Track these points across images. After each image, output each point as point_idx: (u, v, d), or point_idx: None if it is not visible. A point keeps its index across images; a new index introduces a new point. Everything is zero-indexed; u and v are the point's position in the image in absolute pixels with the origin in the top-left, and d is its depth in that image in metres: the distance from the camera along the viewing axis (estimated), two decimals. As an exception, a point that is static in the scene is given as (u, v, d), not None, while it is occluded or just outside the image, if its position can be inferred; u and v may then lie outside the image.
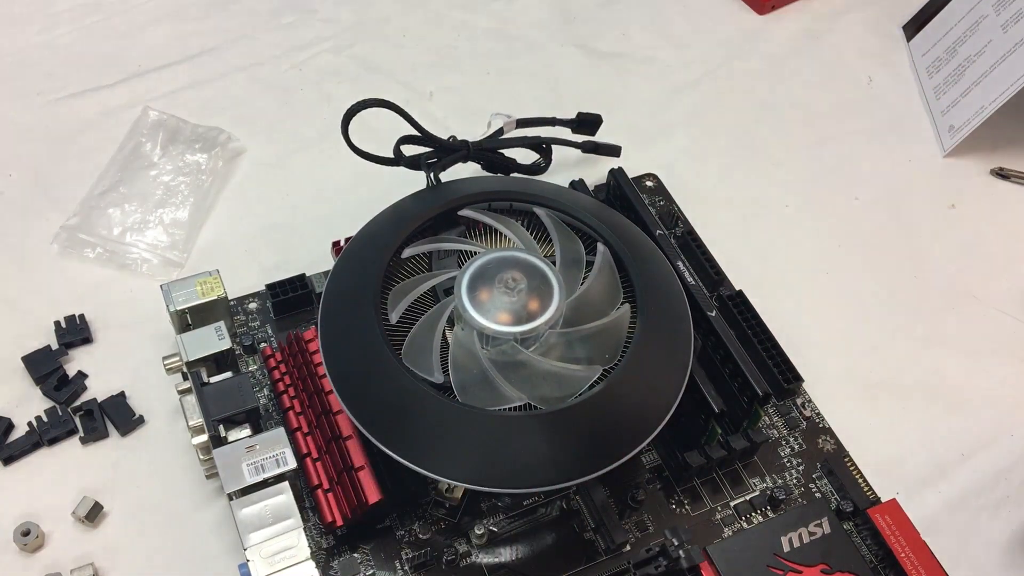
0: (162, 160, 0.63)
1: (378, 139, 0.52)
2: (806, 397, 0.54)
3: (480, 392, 0.43)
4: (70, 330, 0.55)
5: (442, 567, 0.46)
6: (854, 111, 0.72)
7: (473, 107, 0.69)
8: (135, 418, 0.52)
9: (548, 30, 0.76)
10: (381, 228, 0.49)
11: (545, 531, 0.48)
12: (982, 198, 0.67)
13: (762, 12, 0.78)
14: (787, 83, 0.73)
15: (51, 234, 0.59)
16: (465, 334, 0.45)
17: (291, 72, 0.71)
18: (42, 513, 0.48)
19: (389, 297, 0.46)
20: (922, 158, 0.69)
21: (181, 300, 0.50)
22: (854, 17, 0.79)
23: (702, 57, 0.75)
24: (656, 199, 0.63)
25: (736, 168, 0.68)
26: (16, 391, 0.53)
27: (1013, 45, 0.65)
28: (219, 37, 0.73)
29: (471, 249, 0.49)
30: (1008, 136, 0.69)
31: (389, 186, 0.54)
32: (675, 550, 0.45)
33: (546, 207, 0.50)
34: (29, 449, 0.50)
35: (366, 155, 0.52)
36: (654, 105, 0.71)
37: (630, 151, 0.65)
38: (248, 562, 0.41)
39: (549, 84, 0.72)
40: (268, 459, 0.44)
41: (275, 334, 0.54)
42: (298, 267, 0.56)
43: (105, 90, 0.69)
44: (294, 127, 0.68)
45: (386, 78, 0.72)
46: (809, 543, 0.46)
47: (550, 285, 0.45)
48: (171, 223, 0.60)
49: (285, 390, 0.49)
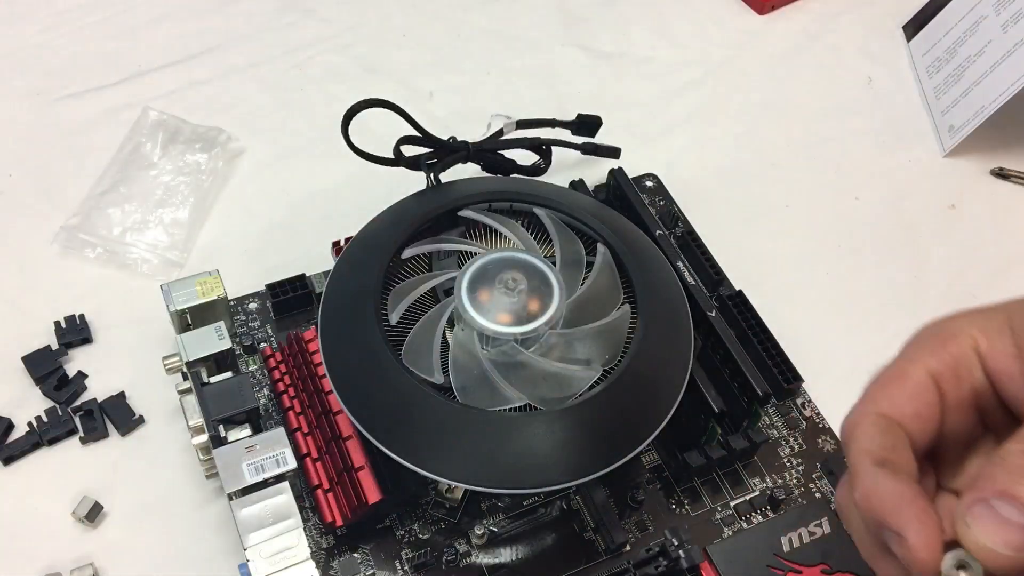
0: (162, 160, 0.63)
1: (378, 139, 0.52)
2: (806, 397, 0.54)
3: (480, 393, 0.43)
4: (70, 330, 0.55)
5: (442, 567, 0.46)
6: (854, 111, 0.72)
7: (473, 107, 0.69)
8: (135, 418, 0.52)
9: (548, 30, 0.76)
10: (381, 228, 0.49)
11: (545, 531, 0.48)
12: (982, 198, 0.67)
13: (762, 12, 0.78)
14: (787, 83, 0.73)
15: (51, 234, 0.59)
16: (465, 335, 0.45)
17: (291, 72, 0.71)
18: (42, 513, 0.48)
19: (389, 297, 0.46)
20: (922, 158, 0.69)
21: (181, 300, 0.50)
22: (854, 17, 0.79)
23: (702, 57, 0.75)
24: (656, 199, 0.63)
25: (736, 168, 0.68)
26: (16, 391, 0.53)
27: (1013, 45, 0.65)
28: (219, 37, 0.73)
29: (471, 250, 0.49)
30: (1008, 136, 0.69)
31: (389, 186, 0.54)
32: (675, 550, 0.45)
33: (546, 207, 0.50)
34: (29, 449, 0.50)
35: (366, 155, 0.52)
36: (654, 105, 0.71)
37: (630, 151, 0.64)
38: (248, 562, 0.41)
39: (549, 84, 0.72)
40: (268, 459, 0.44)
41: (275, 334, 0.54)
42: (298, 267, 0.56)
43: (105, 90, 0.69)
44: (294, 127, 0.68)
45: (386, 78, 0.72)
46: (809, 543, 0.46)
47: (550, 286, 0.45)
48: (171, 223, 0.60)
49: (285, 390, 0.49)
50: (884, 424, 0.28)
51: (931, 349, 0.29)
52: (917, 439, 0.28)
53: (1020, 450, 0.25)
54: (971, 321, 0.29)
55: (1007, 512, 0.24)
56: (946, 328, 0.29)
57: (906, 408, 0.28)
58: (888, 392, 0.29)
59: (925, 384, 0.28)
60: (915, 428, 0.28)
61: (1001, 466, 0.25)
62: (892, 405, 0.28)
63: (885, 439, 0.27)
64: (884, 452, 0.27)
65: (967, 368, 0.28)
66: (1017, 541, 0.24)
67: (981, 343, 0.28)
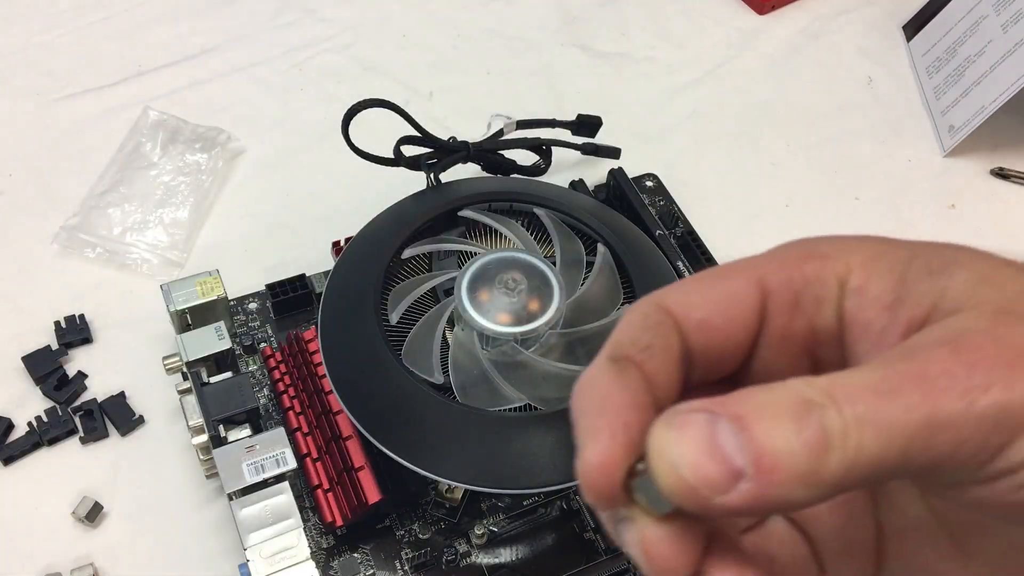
0: (162, 160, 0.63)
1: (378, 139, 0.52)
2: (806, 397, 0.54)
3: (480, 393, 0.43)
4: (70, 330, 0.55)
5: (442, 567, 0.46)
6: (854, 111, 0.72)
7: (473, 107, 0.69)
8: (135, 418, 0.52)
9: (548, 30, 0.76)
10: (381, 228, 0.49)
11: (545, 531, 0.48)
12: (982, 198, 0.67)
13: (762, 12, 0.78)
14: (787, 83, 0.73)
15: (51, 234, 0.59)
16: (465, 335, 0.45)
17: (291, 72, 0.71)
18: (42, 513, 0.48)
19: (389, 297, 0.46)
20: (922, 158, 0.69)
21: (181, 300, 0.50)
22: (854, 17, 0.79)
23: (702, 57, 0.75)
24: (656, 199, 0.63)
25: (736, 168, 0.68)
26: (16, 391, 0.53)
27: (1013, 45, 0.65)
28: (219, 37, 0.73)
29: (471, 250, 0.49)
30: (1008, 136, 0.69)
31: (389, 186, 0.54)
32: (675, 550, 0.45)
33: (546, 207, 0.50)
34: (29, 449, 0.50)
35: (366, 155, 0.52)
36: (654, 105, 0.71)
37: (630, 151, 0.64)
38: (248, 562, 0.41)
39: (549, 84, 0.72)
40: (268, 459, 0.44)
41: (275, 334, 0.54)
42: (298, 267, 0.56)
43: (105, 90, 0.69)
44: (294, 127, 0.68)
45: (386, 78, 0.72)
46: (809, 543, 0.45)
47: (550, 286, 0.45)
48: (171, 223, 0.60)
49: (285, 390, 0.49)
50: (656, 320, 0.21)
51: (781, 260, 0.22)
52: (705, 357, 0.22)
53: (795, 388, 0.18)
54: (857, 248, 0.22)
55: (725, 438, 0.18)
56: (819, 246, 0.22)
57: (700, 312, 0.21)
58: (691, 287, 0.22)
59: (744, 295, 0.22)
60: (704, 342, 0.22)
61: (762, 391, 0.18)
62: (684, 304, 0.21)
63: (643, 335, 0.21)
64: (630, 349, 0.21)
65: (816, 300, 0.22)
66: (712, 473, 0.18)
67: (854, 277, 0.21)
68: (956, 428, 0.17)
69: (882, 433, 0.17)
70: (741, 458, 0.17)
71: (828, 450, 0.17)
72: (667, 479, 0.18)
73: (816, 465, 0.17)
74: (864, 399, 0.18)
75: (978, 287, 0.20)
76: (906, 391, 0.18)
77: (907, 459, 0.18)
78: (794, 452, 0.17)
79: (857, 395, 0.18)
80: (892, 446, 0.17)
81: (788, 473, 0.17)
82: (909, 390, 0.18)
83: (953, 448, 0.18)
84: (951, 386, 0.18)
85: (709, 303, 0.22)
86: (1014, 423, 0.17)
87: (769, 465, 0.17)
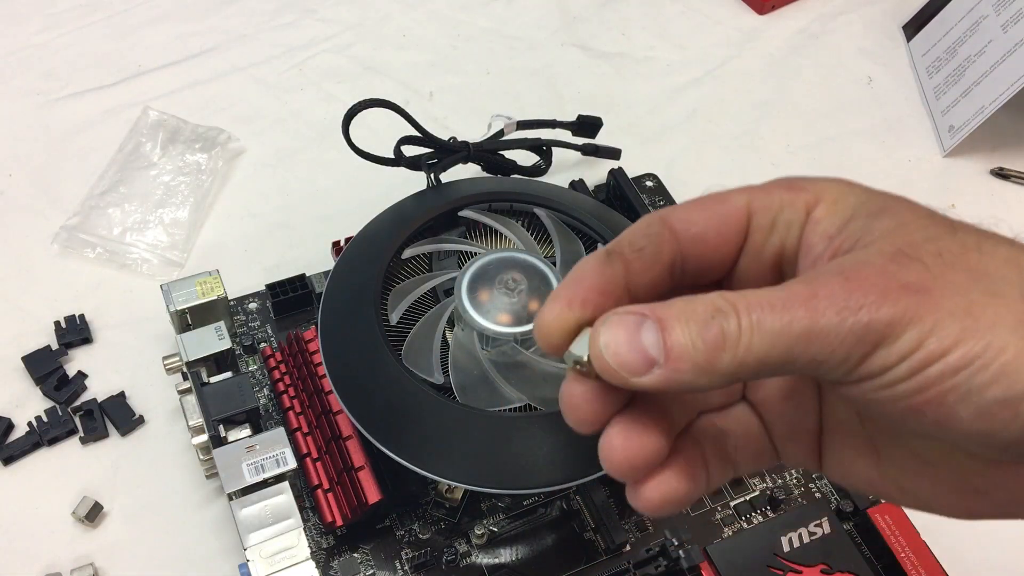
0: (162, 160, 0.63)
1: (378, 139, 0.52)
2: (806, 397, 0.54)
3: (480, 393, 0.43)
4: (70, 330, 0.55)
5: (442, 567, 0.46)
6: (854, 111, 0.72)
7: (473, 107, 0.69)
8: (135, 418, 0.52)
9: (548, 30, 0.76)
10: (381, 228, 0.49)
11: (545, 531, 0.48)
12: (982, 198, 0.67)
13: (762, 12, 0.78)
14: (787, 83, 0.73)
15: (51, 234, 0.59)
16: (465, 335, 0.45)
17: (291, 72, 0.71)
18: (42, 513, 0.48)
19: (389, 298, 0.46)
20: (922, 158, 0.69)
21: (181, 300, 0.50)
22: (854, 17, 0.79)
23: (702, 57, 0.75)
24: (656, 199, 0.63)
25: (736, 168, 0.68)
26: (16, 391, 0.53)
27: (1013, 45, 0.65)
28: (219, 37, 0.73)
29: (471, 250, 0.49)
30: (1008, 136, 0.69)
31: (389, 186, 0.54)
32: (675, 550, 0.45)
33: (546, 208, 0.50)
34: (29, 449, 0.50)
35: (366, 155, 0.52)
36: (654, 105, 0.71)
37: (630, 151, 0.65)
38: (248, 562, 0.41)
39: (549, 84, 0.72)
40: (268, 459, 0.44)
41: (275, 334, 0.54)
42: (298, 267, 0.56)
43: (105, 90, 0.69)
44: (294, 127, 0.68)
45: (386, 78, 0.72)
46: (809, 543, 0.46)
47: (550, 286, 0.45)
48: (171, 223, 0.60)
49: (285, 390, 0.49)
50: (655, 230, 0.26)
51: (768, 188, 0.26)
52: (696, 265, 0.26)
53: (710, 300, 0.23)
54: (829, 187, 0.25)
55: (647, 336, 0.22)
56: (800, 181, 0.26)
57: (697, 228, 0.26)
58: (693, 206, 0.26)
59: (734, 215, 0.26)
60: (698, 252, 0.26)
61: (686, 301, 0.23)
62: (685, 220, 0.26)
63: (639, 240, 0.25)
64: (624, 248, 0.25)
65: (787, 223, 0.25)
66: (631, 361, 0.23)
67: (819, 210, 0.25)
68: (828, 339, 0.22)
69: (767, 338, 0.22)
70: (656, 351, 0.22)
71: (723, 348, 0.22)
72: (595, 358, 0.23)
73: (712, 358, 0.22)
74: (760, 310, 0.22)
75: (895, 230, 0.23)
76: (794, 306, 0.22)
77: (789, 359, 0.22)
78: (696, 348, 0.22)
79: (755, 307, 0.22)
80: (776, 349, 0.22)
81: (689, 364, 0.22)
82: (797, 306, 0.22)
83: (827, 354, 0.22)
84: (830, 306, 0.22)
85: (704, 220, 0.26)
86: (875, 338, 0.22)
87: (675, 356, 0.22)
